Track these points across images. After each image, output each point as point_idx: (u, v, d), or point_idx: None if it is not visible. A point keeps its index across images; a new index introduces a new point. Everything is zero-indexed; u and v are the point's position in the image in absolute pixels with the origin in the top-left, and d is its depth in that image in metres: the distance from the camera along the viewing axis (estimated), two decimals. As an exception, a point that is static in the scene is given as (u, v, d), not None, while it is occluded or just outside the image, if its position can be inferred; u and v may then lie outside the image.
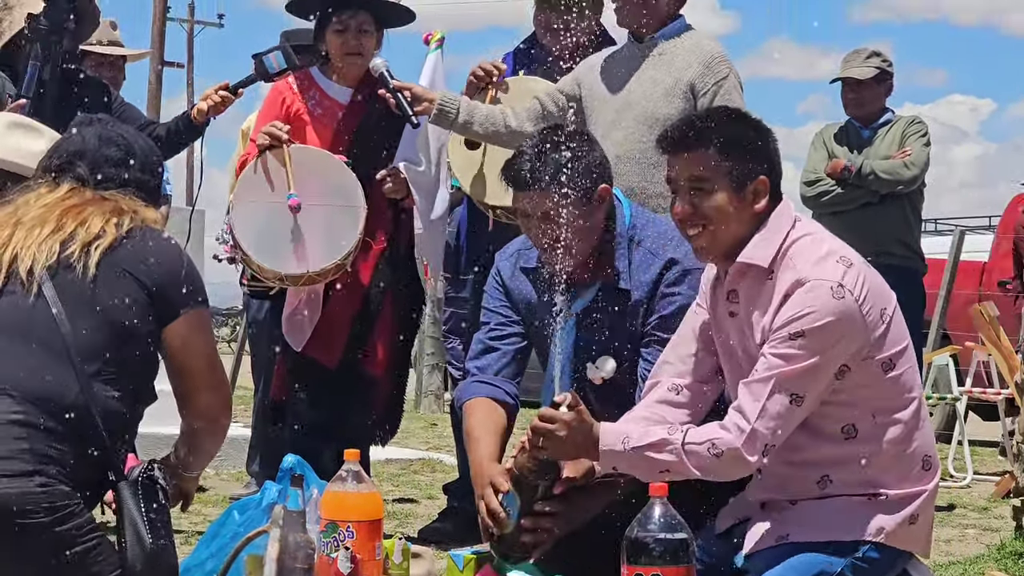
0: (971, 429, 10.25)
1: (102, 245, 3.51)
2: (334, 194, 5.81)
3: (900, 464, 3.86)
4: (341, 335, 5.97)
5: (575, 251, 4.36)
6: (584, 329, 4.48)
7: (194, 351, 3.64)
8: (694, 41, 5.48)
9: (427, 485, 8.02)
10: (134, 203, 3.67)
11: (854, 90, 7.89)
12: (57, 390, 3.38)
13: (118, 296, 3.49)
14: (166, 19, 29.49)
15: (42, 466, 3.30)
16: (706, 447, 3.78)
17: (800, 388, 3.74)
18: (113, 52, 7.36)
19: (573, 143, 4.37)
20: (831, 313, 3.73)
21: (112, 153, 3.73)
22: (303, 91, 6.11)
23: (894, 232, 7.71)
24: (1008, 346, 7.89)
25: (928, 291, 8.20)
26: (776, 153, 3.98)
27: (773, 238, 3.88)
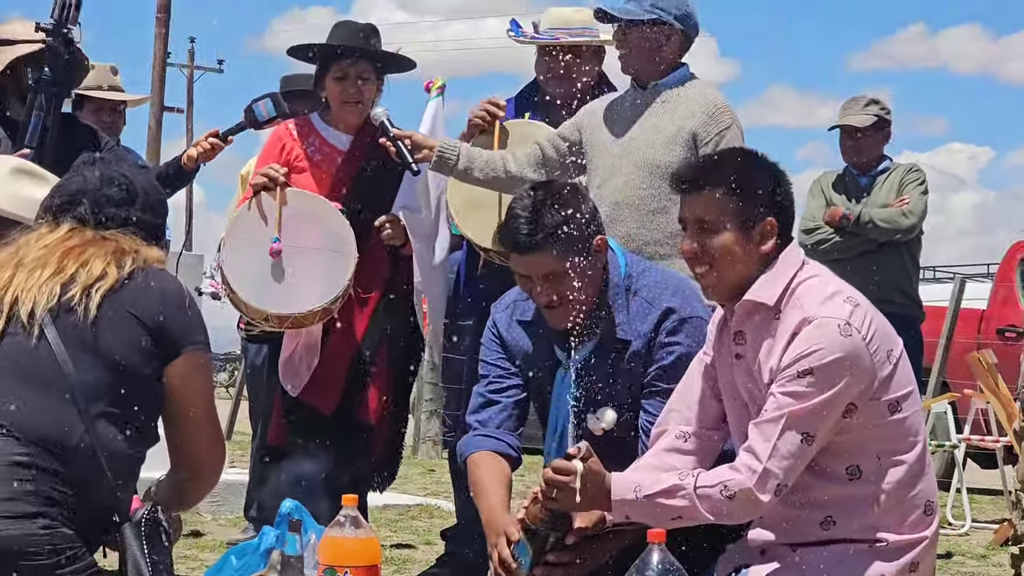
0: (970, 477, 10.24)
1: (103, 287, 3.50)
2: (326, 239, 5.82)
3: (903, 508, 3.86)
4: (338, 381, 5.97)
5: (576, 306, 4.36)
6: (584, 381, 4.47)
7: (193, 392, 3.62)
8: (698, 90, 5.49)
9: (425, 531, 8.00)
10: (135, 243, 3.65)
11: (852, 138, 7.92)
12: (61, 432, 3.37)
13: (121, 338, 3.48)
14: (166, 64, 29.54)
15: (45, 508, 3.29)
16: (718, 489, 3.77)
17: (811, 426, 3.74)
18: (114, 97, 7.38)
19: (564, 199, 4.36)
20: (839, 350, 3.74)
21: (113, 193, 3.71)
22: (303, 137, 6.12)
23: (892, 280, 7.73)
24: (1007, 394, 7.88)
25: (927, 339, 8.21)
26: (788, 195, 3.99)
27: (780, 278, 3.89)
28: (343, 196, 5.99)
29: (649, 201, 5.36)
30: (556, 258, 4.30)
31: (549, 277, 4.33)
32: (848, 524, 3.85)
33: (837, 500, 3.86)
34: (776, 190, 3.94)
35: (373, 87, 6.06)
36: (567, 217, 4.31)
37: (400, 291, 6.10)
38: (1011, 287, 12.27)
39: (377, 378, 6.03)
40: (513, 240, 4.35)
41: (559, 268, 4.30)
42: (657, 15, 5.42)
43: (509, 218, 4.37)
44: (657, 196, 5.32)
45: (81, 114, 7.33)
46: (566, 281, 4.32)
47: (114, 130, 7.42)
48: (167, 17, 27.70)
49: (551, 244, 4.29)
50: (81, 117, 7.30)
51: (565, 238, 4.29)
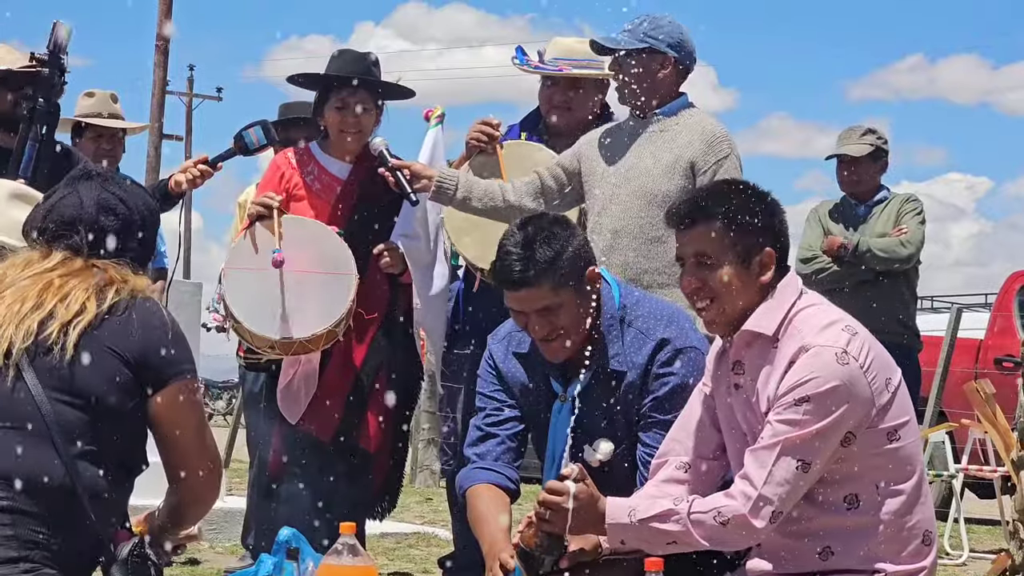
0: (967, 507, 10.22)
1: (81, 324, 3.42)
2: (326, 263, 5.82)
3: (901, 537, 3.86)
4: (337, 408, 5.96)
5: (571, 338, 4.37)
6: (580, 412, 4.46)
7: (180, 422, 3.55)
8: (696, 119, 5.51)
9: (422, 559, 7.99)
10: (123, 272, 3.58)
11: (848, 167, 7.94)
12: (42, 474, 3.31)
13: (99, 376, 3.41)
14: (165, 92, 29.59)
15: (27, 552, 3.24)
16: (712, 515, 3.78)
17: (807, 454, 3.75)
18: (114, 125, 7.40)
19: (555, 232, 4.34)
20: (835, 378, 3.74)
21: (110, 223, 3.62)
22: (302, 166, 6.12)
23: (890, 310, 7.73)
24: (1004, 424, 7.87)
25: (924, 368, 8.21)
26: (783, 224, 4.00)
27: (779, 307, 3.90)
28: (342, 224, 5.99)
29: (647, 230, 5.37)
30: (550, 292, 4.29)
31: (544, 311, 4.32)
32: (847, 554, 3.85)
33: (835, 530, 3.85)
34: (771, 219, 3.95)
35: (372, 116, 6.07)
36: (559, 251, 4.30)
37: (399, 319, 6.10)
38: (1009, 317, 12.27)
39: (376, 406, 6.02)
40: (506, 277, 4.34)
41: (553, 302, 4.30)
42: (650, 44, 5.46)
43: (501, 255, 4.35)
44: (655, 225, 5.33)
45: (80, 142, 7.35)
46: (561, 314, 4.32)
47: (114, 158, 7.44)
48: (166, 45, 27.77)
49: (544, 279, 4.28)
50: (80, 145, 7.34)
51: (558, 271, 4.29)
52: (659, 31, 5.47)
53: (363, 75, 6.04)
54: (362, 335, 6.01)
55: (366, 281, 5.91)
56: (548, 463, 4.54)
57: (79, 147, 7.36)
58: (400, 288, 6.09)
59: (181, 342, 3.56)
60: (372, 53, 6.20)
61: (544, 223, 4.39)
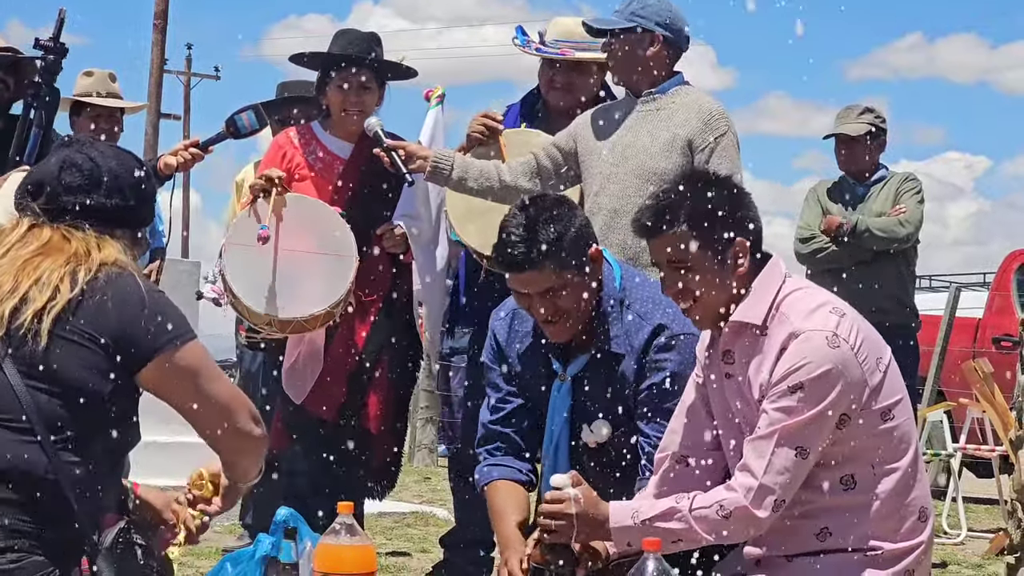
0: (965, 486, 10.24)
1: (54, 310, 3.35)
2: (327, 243, 5.81)
3: (898, 516, 3.86)
4: (339, 389, 5.96)
5: (574, 319, 4.38)
6: (579, 393, 4.49)
7: (175, 392, 3.48)
8: (693, 97, 5.50)
9: (420, 538, 8.00)
10: (88, 242, 3.47)
11: (847, 146, 7.92)
12: (26, 464, 3.28)
13: (77, 362, 3.35)
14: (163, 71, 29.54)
15: (13, 541, 3.22)
16: (714, 509, 3.78)
17: (804, 440, 3.75)
18: (112, 104, 7.38)
19: (556, 213, 4.34)
20: (828, 362, 3.74)
21: (73, 179, 3.54)
22: (304, 145, 6.12)
23: (888, 289, 7.73)
24: (1002, 403, 7.87)
25: (922, 348, 8.21)
26: (750, 208, 3.96)
27: (764, 295, 3.89)
28: (344, 204, 5.98)
29: (645, 209, 5.37)
30: (553, 274, 4.30)
31: (546, 293, 4.33)
32: (843, 534, 3.85)
33: (832, 510, 3.85)
34: (737, 208, 3.91)
35: (375, 96, 6.07)
36: (561, 233, 4.30)
37: (400, 299, 6.10)
38: (1007, 296, 12.28)
39: (377, 386, 6.03)
40: (508, 260, 4.33)
41: (556, 284, 4.31)
42: (637, 23, 5.45)
43: (502, 237, 4.35)
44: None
45: (79, 120, 7.34)
46: (563, 296, 4.33)
47: (112, 137, 7.42)
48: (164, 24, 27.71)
49: (547, 261, 4.29)
50: (78, 123, 7.33)
51: (560, 254, 4.30)
52: (646, 9, 5.48)
53: (365, 55, 6.04)
54: (364, 315, 6.01)
55: (368, 261, 5.90)
56: (547, 442, 4.56)
57: (77, 126, 7.35)
58: (401, 268, 6.09)
59: (163, 312, 3.45)
60: (374, 33, 6.19)
61: (546, 204, 4.38)
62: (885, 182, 7.94)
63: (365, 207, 6.01)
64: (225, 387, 3.55)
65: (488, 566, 6.11)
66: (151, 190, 3.68)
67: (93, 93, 7.33)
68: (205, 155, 5.95)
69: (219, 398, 3.52)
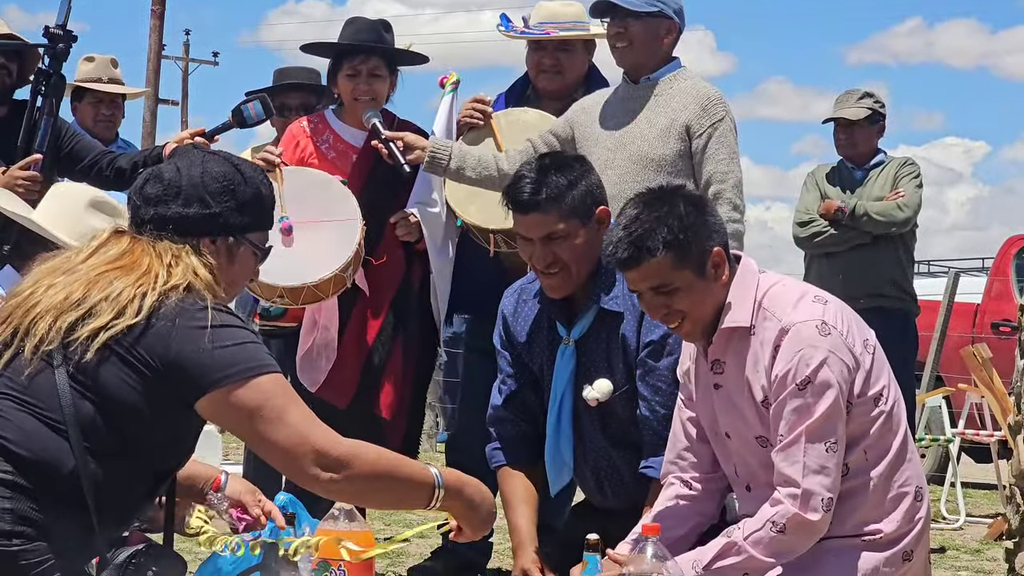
0: (964, 471, 10.25)
1: (113, 330, 3.27)
2: (330, 209, 5.80)
3: (892, 497, 3.89)
4: (353, 376, 5.97)
5: (576, 272, 4.44)
6: (583, 355, 4.57)
7: (232, 424, 3.36)
8: (690, 83, 5.50)
9: (418, 524, 7.99)
10: (165, 257, 3.37)
11: (846, 131, 7.92)
12: (50, 458, 3.25)
13: (120, 378, 3.28)
14: (161, 57, 29.52)
15: (22, 528, 3.21)
16: (767, 529, 3.78)
17: (829, 433, 3.76)
18: (113, 90, 7.39)
19: (571, 166, 4.51)
20: (823, 351, 3.76)
21: (151, 190, 3.44)
22: (316, 134, 6.12)
23: (887, 273, 7.73)
24: (1001, 388, 7.90)
25: (921, 333, 8.22)
26: (713, 213, 3.97)
27: (746, 296, 3.90)
28: (357, 192, 5.98)
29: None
30: (557, 219, 4.42)
31: (548, 239, 4.43)
32: (840, 522, 3.86)
33: None
34: (703, 218, 3.90)
35: (386, 83, 6.06)
36: (571, 182, 4.45)
37: (415, 286, 6.10)
38: (1006, 281, 12.28)
39: (391, 374, 6.02)
40: (516, 198, 4.47)
41: (558, 230, 4.41)
42: (659, 8, 5.44)
43: (515, 177, 4.52)
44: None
45: (80, 106, 7.35)
46: (565, 246, 4.42)
47: (113, 123, 7.44)
48: (162, 9, 27.69)
49: (552, 205, 4.41)
50: (80, 109, 7.34)
51: (567, 201, 4.43)
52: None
53: (375, 42, 6.03)
54: (378, 304, 6.01)
55: (381, 249, 5.91)
56: (552, 403, 4.64)
57: (78, 111, 7.36)
58: (416, 256, 6.09)
59: (225, 347, 3.30)
60: (385, 20, 6.19)
61: (564, 159, 4.58)
62: (883, 166, 7.94)
63: (378, 194, 6.01)
64: (287, 431, 3.32)
65: (487, 551, 6.12)
66: (246, 196, 3.49)
67: (96, 79, 7.34)
68: (211, 144, 5.96)
69: (277, 443, 3.32)
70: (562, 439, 4.63)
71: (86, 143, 6.21)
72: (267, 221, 3.59)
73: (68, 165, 5.99)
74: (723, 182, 5.33)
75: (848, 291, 7.49)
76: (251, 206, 3.51)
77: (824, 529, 3.82)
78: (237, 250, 3.50)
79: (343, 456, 3.35)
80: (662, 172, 5.36)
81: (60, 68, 5.73)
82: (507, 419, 4.74)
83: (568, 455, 4.64)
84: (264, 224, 3.57)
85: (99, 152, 6.13)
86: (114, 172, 6.04)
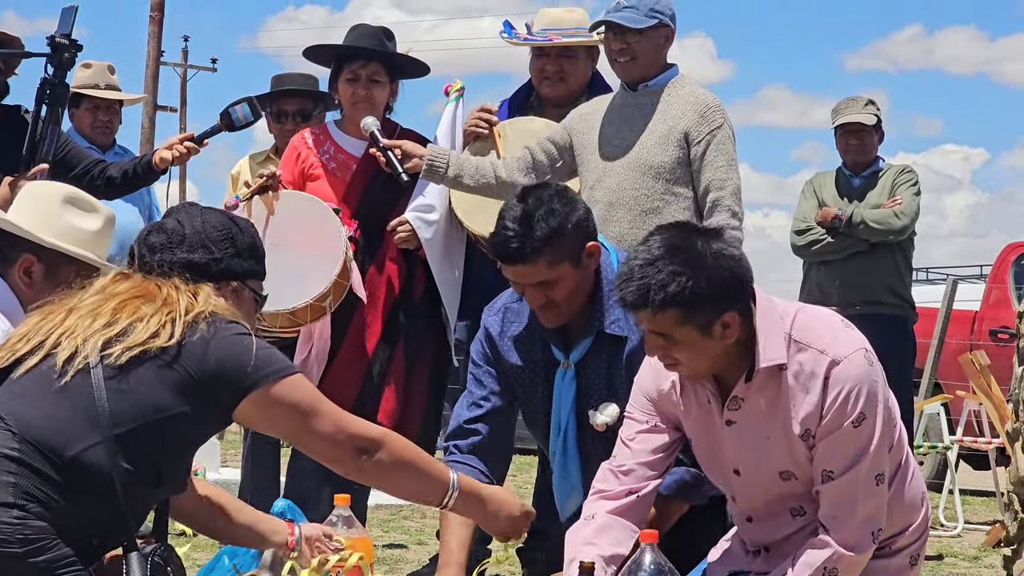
0: (962, 478, 10.25)
1: (149, 346, 3.37)
2: (315, 238, 5.78)
3: (899, 511, 3.87)
4: (352, 385, 5.95)
5: (569, 308, 4.38)
6: (584, 379, 4.49)
7: (274, 423, 3.56)
8: (688, 90, 5.50)
9: (417, 531, 8.00)
10: (182, 289, 3.49)
11: (857, 136, 7.89)
12: (61, 441, 3.28)
13: (161, 380, 3.37)
14: (160, 63, 29.50)
15: (24, 502, 3.23)
16: (819, 573, 3.72)
17: (879, 467, 3.74)
18: (110, 96, 7.38)
19: (554, 207, 4.29)
20: (869, 380, 3.71)
21: (155, 240, 3.60)
22: (318, 145, 6.12)
23: (885, 281, 7.74)
24: (999, 395, 7.89)
25: (919, 340, 8.22)
26: (740, 277, 3.73)
27: (776, 333, 3.75)
28: (358, 202, 5.98)
29: (642, 201, 5.37)
30: (546, 268, 4.29)
31: (540, 285, 4.33)
32: None
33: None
34: (721, 281, 3.69)
35: (385, 89, 6.06)
36: (557, 228, 4.27)
37: (416, 295, 6.09)
38: (1004, 288, 12.28)
39: (393, 382, 6.01)
40: (503, 252, 4.32)
41: (550, 277, 4.30)
42: (658, 19, 5.43)
43: (499, 227, 4.32)
44: (650, 196, 5.35)
45: (78, 112, 7.34)
46: (557, 288, 4.32)
47: (110, 129, 7.43)
48: (161, 16, 27.67)
49: (541, 256, 4.27)
50: (77, 116, 7.33)
51: (555, 248, 4.27)
52: (660, 3, 5.45)
53: (375, 48, 6.03)
54: (378, 312, 6.00)
55: (382, 256, 5.90)
56: (554, 430, 4.55)
57: (76, 118, 7.35)
58: (417, 264, 6.08)
59: (258, 350, 3.46)
60: (386, 27, 6.20)
61: (545, 196, 4.34)
62: (881, 174, 7.94)
63: (379, 203, 6.01)
64: (324, 420, 3.53)
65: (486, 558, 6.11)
66: (244, 243, 3.68)
67: (93, 85, 7.33)
68: (200, 149, 5.97)
69: (322, 432, 3.53)
70: (570, 463, 4.54)
71: (78, 151, 6.22)
72: (263, 270, 3.78)
73: (60, 172, 5.99)
74: (722, 189, 5.33)
75: (846, 298, 7.52)
76: (249, 253, 3.70)
77: (870, 556, 3.78)
78: (241, 294, 3.68)
79: (377, 438, 3.58)
80: (660, 179, 5.35)
81: (65, 77, 5.73)
82: (472, 433, 4.54)
83: (578, 479, 4.52)
84: (261, 273, 3.76)
85: (90, 161, 6.14)
86: (105, 181, 6.05)
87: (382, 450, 3.56)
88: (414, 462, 3.63)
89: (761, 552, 3.96)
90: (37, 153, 5.68)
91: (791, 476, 3.82)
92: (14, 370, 3.41)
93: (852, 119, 7.86)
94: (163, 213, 3.83)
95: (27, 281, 4.08)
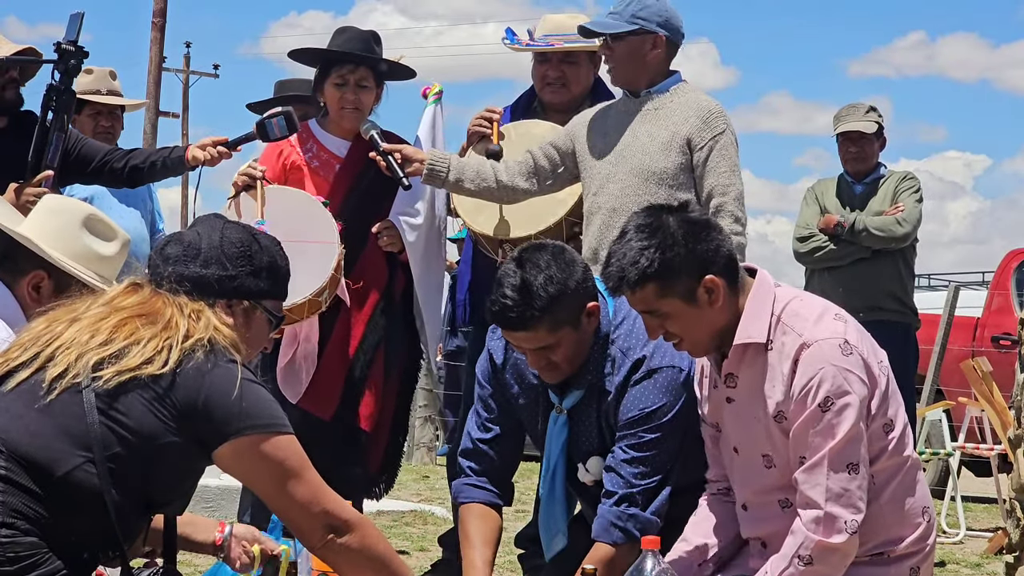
0: (964, 485, 10.24)
1: (140, 373, 3.31)
2: (309, 232, 5.76)
3: (902, 518, 3.89)
4: (336, 387, 5.95)
5: (571, 366, 4.35)
6: (575, 424, 4.46)
7: (249, 475, 3.45)
8: (691, 96, 5.50)
9: (419, 537, 7.99)
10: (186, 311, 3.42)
11: (857, 144, 7.90)
12: (48, 460, 3.25)
13: (149, 408, 3.31)
14: (162, 69, 29.53)
15: (13, 519, 3.20)
16: (794, 563, 3.75)
17: (851, 456, 3.74)
18: (112, 101, 7.38)
19: (552, 275, 4.21)
20: (845, 370, 3.73)
21: (172, 251, 3.54)
22: (301, 143, 6.10)
23: (887, 287, 7.74)
24: (1001, 402, 7.88)
25: (921, 347, 8.22)
26: (710, 239, 3.84)
27: (762, 311, 3.85)
28: (341, 202, 5.97)
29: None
30: (547, 334, 4.23)
31: (541, 349, 4.28)
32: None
33: None
34: (695, 247, 3.82)
35: (372, 94, 6.06)
36: (556, 295, 4.19)
37: (397, 297, 6.10)
38: (1006, 295, 12.27)
39: (373, 384, 6.01)
40: (502, 320, 4.27)
41: (550, 341, 4.25)
42: (639, 25, 5.44)
43: (498, 295, 4.23)
44: (653, 203, 5.35)
45: (79, 118, 7.33)
46: (558, 350, 4.28)
47: (112, 134, 7.42)
48: (163, 21, 27.70)
49: (541, 323, 4.21)
50: (79, 121, 7.31)
51: (555, 314, 4.21)
52: (646, 10, 5.46)
53: (363, 52, 6.02)
54: (360, 314, 5.99)
55: (363, 259, 5.89)
56: (544, 471, 4.55)
57: (78, 123, 7.34)
58: (398, 266, 6.08)
59: (251, 398, 3.38)
60: (374, 31, 6.18)
61: (542, 261, 4.24)
62: (883, 180, 7.94)
63: (362, 204, 6.00)
64: (304, 488, 3.42)
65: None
66: (262, 262, 3.60)
67: (95, 91, 7.33)
68: (233, 153, 5.95)
69: (295, 498, 3.42)
70: (556, 506, 4.52)
71: (92, 144, 6.21)
72: (282, 290, 3.69)
73: (78, 169, 5.99)
74: (724, 195, 5.33)
75: (848, 304, 7.46)
76: (267, 272, 3.61)
77: (853, 551, 3.78)
78: (253, 314, 3.60)
79: (352, 520, 3.46)
80: (663, 185, 5.35)
81: (71, 84, 5.73)
82: (485, 456, 4.58)
83: (562, 523, 4.53)
84: (279, 293, 3.68)
85: (107, 151, 6.12)
86: (129, 170, 6.03)
87: (353, 534, 3.44)
88: (381, 557, 3.50)
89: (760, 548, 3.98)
90: (42, 159, 5.68)
91: (771, 463, 3.87)
92: (5, 383, 3.37)
93: (852, 127, 7.86)
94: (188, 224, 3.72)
95: (35, 296, 4.07)
